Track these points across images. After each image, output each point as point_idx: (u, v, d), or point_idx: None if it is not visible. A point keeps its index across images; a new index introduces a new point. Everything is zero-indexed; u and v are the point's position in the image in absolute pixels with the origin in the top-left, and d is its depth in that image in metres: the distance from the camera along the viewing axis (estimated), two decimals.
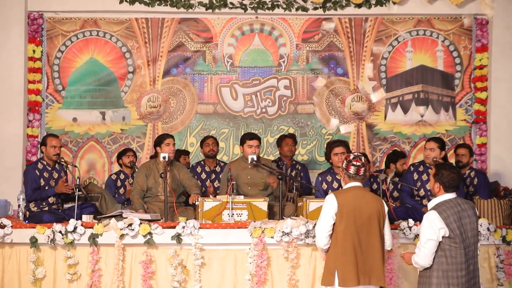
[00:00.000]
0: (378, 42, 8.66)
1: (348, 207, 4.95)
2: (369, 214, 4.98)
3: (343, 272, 4.88)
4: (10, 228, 6.24)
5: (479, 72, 8.54)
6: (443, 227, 4.61)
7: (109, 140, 8.57)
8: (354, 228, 4.94)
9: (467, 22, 8.58)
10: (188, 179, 7.13)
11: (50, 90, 8.50)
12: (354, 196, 5.01)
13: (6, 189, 7.62)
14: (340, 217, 4.92)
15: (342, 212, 4.94)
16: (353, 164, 5.04)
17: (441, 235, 4.62)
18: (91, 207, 6.89)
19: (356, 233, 4.94)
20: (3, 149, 8.10)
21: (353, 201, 4.98)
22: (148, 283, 6.16)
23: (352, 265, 4.89)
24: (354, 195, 5.02)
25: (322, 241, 5.00)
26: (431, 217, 4.67)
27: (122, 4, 8.38)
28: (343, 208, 4.94)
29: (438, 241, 4.63)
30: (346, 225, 4.90)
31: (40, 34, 8.42)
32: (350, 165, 5.05)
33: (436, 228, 4.62)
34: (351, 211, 4.95)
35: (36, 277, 6.18)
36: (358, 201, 5.00)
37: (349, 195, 5.02)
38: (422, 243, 4.70)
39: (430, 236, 4.65)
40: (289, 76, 8.72)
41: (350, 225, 4.93)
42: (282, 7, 8.50)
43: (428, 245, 4.66)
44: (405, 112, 8.68)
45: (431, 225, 4.65)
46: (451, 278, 4.63)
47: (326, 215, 4.96)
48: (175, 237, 6.17)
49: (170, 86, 8.66)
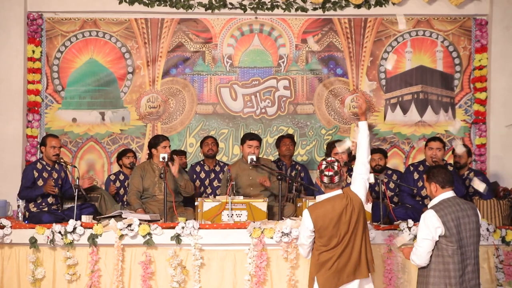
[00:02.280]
0: (378, 42, 8.67)
1: (325, 223, 4.81)
2: (349, 218, 4.80)
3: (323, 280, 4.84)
4: (9, 228, 6.24)
5: (479, 73, 8.55)
6: (440, 226, 4.61)
7: (108, 141, 8.57)
8: (335, 240, 4.80)
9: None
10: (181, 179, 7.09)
11: (49, 91, 8.50)
12: (331, 209, 4.85)
13: (6, 190, 7.62)
14: (319, 235, 4.81)
15: (319, 230, 4.81)
16: (325, 175, 4.89)
17: (437, 234, 4.61)
18: (90, 207, 6.89)
19: (336, 243, 4.79)
20: (3, 149, 8.10)
21: (329, 214, 4.80)
22: (148, 283, 6.16)
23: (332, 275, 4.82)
24: (330, 209, 4.84)
25: (305, 255, 5.01)
26: (427, 216, 4.68)
27: (121, 5, 8.39)
28: (319, 226, 4.81)
29: (434, 240, 4.63)
30: (328, 240, 4.80)
31: (40, 34, 8.42)
32: (323, 176, 4.89)
33: (433, 227, 4.62)
34: (328, 226, 4.79)
35: (36, 277, 6.18)
36: (335, 213, 4.80)
37: (325, 210, 4.84)
38: (418, 242, 4.71)
39: (425, 236, 4.65)
40: (288, 77, 8.72)
41: (330, 240, 4.81)
42: (282, 8, 8.50)
43: (423, 244, 4.67)
44: (404, 112, 8.68)
45: (428, 224, 4.65)
46: (448, 278, 4.63)
47: (304, 233, 4.89)
48: (175, 238, 6.17)
49: (170, 87, 8.66)
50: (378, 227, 6.29)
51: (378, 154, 7.47)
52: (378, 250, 6.20)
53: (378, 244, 6.19)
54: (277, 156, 8.25)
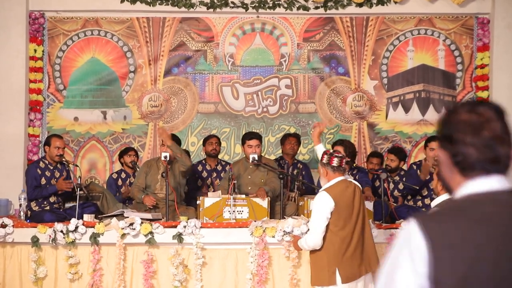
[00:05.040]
0: (379, 41, 8.66)
1: (344, 203, 4.90)
2: (359, 205, 4.96)
3: (345, 270, 4.83)
4: (11, 227, 6.26)
5: (480, 71, 8.54)
6: None
7: (110, 140, 8.57)
8: (352, 223, 4.92)
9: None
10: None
11: (51, 90, 8.50)
12: (345, 189, 4.96)
13: (8, 189, 7.62)
14: (338, 215, 4.84)
15: (339, 210, 4.86)
16: (336, 156, 4.96)
17: None
18: (92, 206, 6.90)
19: (353, 227, 4.92)
20: (5, 148, 8.10)
21: (346, 194, 4.94)
22: (150, 282, 6.17)
23: (356, 261, 4.87)
24: (345, 188, 4.96)
25: (319, 242, 4.86)
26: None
27: (123, 4, 8.38)
28: (339, 205, 4.87)
29: None
30: (344, 222, 4.86)
31: (42, 33, 8.42)
32: (333, 157, 4.94)
33: None
34: (347, 206, 4.90)
35: (38, 276, 6.20)
36: (349, 195, 4.94)
37: (341, 189, 4.92)
38: None
39: None
40: (290, 76, 8.72)
41: (350, 222, 4.90)
42: (283, 6, 8.49)
43: None
44: (406, 111, 8.67)
45: None
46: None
47: (323, 215, 4.83)
48: (177, 237, 6.18)
49: (171, 86, 8.66)
50: (380, 226, 6.30)
51: (391, 155, 7.49)
52: (380, 249, 6.19)
53: (380, 243, 6.18)
54: (279, 155, 8.25)
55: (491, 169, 1.78)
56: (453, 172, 1.83)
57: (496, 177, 1.78)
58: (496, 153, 1.78)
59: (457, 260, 1.66)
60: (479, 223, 1.70)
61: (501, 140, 1.78)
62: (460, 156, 1.80)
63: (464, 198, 1.79)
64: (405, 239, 1.73)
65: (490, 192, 1.76)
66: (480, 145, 1.78)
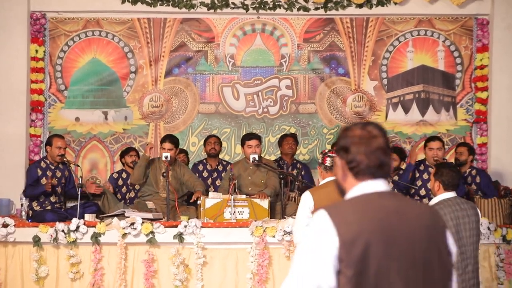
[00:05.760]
0: (379, 42, 8.69)
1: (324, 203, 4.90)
2: None
3: None
4: (13, 227, 6.27)
5: (480, 72, 8.56)
6: None
7: (111, 140, 8.59)
8: None
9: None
10: (193, 179, 7.18)
11: (52, 90, 8.52)
12: (331, 191, 4.95)
13: (9, 188, 7.62)
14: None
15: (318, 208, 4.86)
16: (330, 155, 4.97)
17: None
18: (93, 206, 6.94)
19: None
20: (6, 148, 8.12)
21: (328, 196, 4.92)
22: (150, 281, 6.19)
23: None
24: (330, 191, 4.95)
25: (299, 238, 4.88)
26: None
27: (124, 4, 8.40)
28: (318, 205, 4.88)
29: None
30: None
31: (43, 34, 8.45)
32: (326, 157, 4.94)
33: None
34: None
35: (39, 275, 6.22)
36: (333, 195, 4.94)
37: (325, 190, 4.89)
38: None
39: None
40: (290, 76, 8.74)
41: None
42: (284, 7, 8.51)
43: None
44: (406, 112, 8.69)
45: None
46: None
47: (302, 213, 4.83)
48: (177, 236, 6.20)
49: (172, 86, 8.68)
50: None
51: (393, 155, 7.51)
52: None
53: None
54: (279, 155, 8.27)
55: (377, 174, 2.31)
56: (348, 176, 2.36)
57: (380, 181, 2.32)
58: (381, 161, 2.30)
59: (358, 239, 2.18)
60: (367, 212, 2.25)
61: (384, 151, 2.31)
62: (354, 163, 2.31)
63: (357, 196, 2.32)
64: (317, 222, 2.26)
65: (376, 192, 2.31)
66: (369, 154, 2.30)
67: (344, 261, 2.17)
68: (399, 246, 2.23)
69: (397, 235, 2.24)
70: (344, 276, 2.17)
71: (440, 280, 2.30)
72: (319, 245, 2.19)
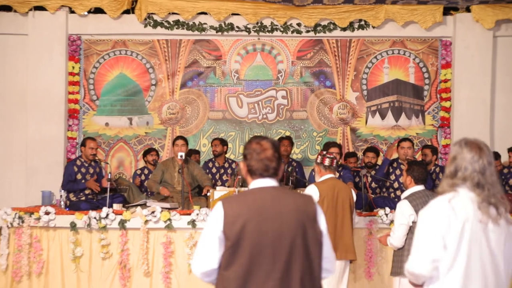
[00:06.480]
0: (360, 59, 8.71)
1: (328, 195, 4.96)
2: (343, 200, 5.01)
3: None
4: (54, 214, 6.30)
5: (444, 85, 8.59)
6: (413, 213, 4.64)
7: (135, 142, 8.63)
8: (333, 213, 4.96)
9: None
10: (202, 174, 7.21)
11: (86, 100, 8.57)
12: (332, 185, 5.02)
13: (50, 182, 7.69)
14: (321, 204, 4.90)
15: (323, 200, 4.94)
16: (328, 157, 5.03)
17: (411, 220, 4.64)
18: (120, 197, 6.96)
19: (334, 217, 4.96)
20: (48, 149, 8.17)
21: (331, 189, 4.99)
22: (168, 260, 6.21)
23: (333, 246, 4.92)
24: (331, 185, 5.02)
25: None
26: (403, 205, 4.71)
27: (146, 28, 8.45)
28: (323, 196, 4.95)
29: (408, 225, 4.65)
30: (326, 210, 4.88)
31: (79, 53, 8.49)
32: (325, 157, 5.02)
33: (407, 214, 4.65)
34: (330, 198, 4.95)
35: (75, 255, 6.25)
36: (335, 189, 5.00)
37: (327, 184, 5.01)
38: (396, 227, 4.73)
39: (401, 221, 4.69)
40: (286, 88, 8.77)
41: (330, 211, 4.94)
42: (280, 30, 8.55)
43: (400, 229, 4.69)
44: (382, 118, 8.72)
45: (403, 212, 4.68)
46: None
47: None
48: (191, 223, 6.23)
49: (186, 96, 8.72)
50: (360, 214, 6.35)
51: (371, 153, 7.55)
52: (360, 233, 6.26)
53: (361, 228, 6.26)
54: None
55: (264, 174, 2.74)
56: (247, 176, 2.79)
57: (267, 179, 2.74)
58: (267, 166, 2.72)
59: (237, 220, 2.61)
60: (248, 200, 2.68)
61: (270, 159, 2.73)
62: (249, 167, 2.75)
63: (250, 190, 2.76)
64: (214, 208, 2.69)
65: (262, 187, 2.73)
66: (259, 161, 2.73)
67: (226, 235, 2.61)
68: (269, 224, 2.61)
69: (268, 216, 2.62)
70: (225, 246, 2.61)
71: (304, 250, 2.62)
72: (213, 223, 2.66)
